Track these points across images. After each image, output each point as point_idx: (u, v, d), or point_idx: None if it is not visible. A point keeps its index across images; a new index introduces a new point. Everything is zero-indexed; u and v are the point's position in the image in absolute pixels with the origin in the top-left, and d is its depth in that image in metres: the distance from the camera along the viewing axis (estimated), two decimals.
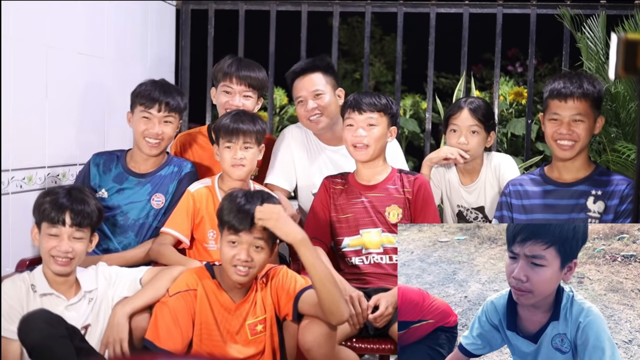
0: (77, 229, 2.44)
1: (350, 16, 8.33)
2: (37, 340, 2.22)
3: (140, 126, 2.88)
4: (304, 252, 2.35)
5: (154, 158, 2.96)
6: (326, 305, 2.34)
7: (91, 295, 2.50)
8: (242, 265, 2.36)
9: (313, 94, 3.07)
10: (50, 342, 2.22)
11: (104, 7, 3.38)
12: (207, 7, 4.15)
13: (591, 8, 3.75)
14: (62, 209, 2.43)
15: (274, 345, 2.48)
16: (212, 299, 2.43)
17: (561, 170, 2.77)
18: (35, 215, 2.48)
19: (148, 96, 2.87)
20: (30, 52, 2.88)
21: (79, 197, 2.47)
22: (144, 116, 2.88)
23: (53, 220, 2.42)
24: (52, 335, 2.23)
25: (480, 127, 3.00)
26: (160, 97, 2.87)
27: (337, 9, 4.02)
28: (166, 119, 2.89)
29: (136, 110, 2.90)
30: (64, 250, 2.41)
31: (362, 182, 2.82)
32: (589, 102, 2.68)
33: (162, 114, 2.88)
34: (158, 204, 2.93)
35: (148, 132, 2.87)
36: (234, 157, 2.76)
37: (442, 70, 6.45)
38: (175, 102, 2.91)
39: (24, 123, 2.85)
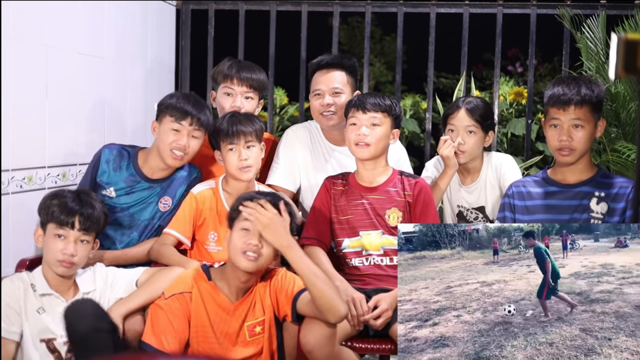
0: (84, 233, 2.45)
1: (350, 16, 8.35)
2: (83, 331, 2.21)
3: (168, 137, 2.85)
4: (291, 256, 2.38)
5: (171, 168, 2.94)
6: (321, 305, 2.35)
7: (89, 296, 2.50)
8: (253, 250, 2.37)
9: (332, 91, 3.06)
10: (96, 335, 2.21)
11: (104, 7, 3.38)
12: (207, 7, 4.15)
13: (591, 8, 3.75)
14: (72, 213, 2.43)
15: (272, 347, 2.49)
16: (208, 300, 2.43)
17: (564, 173, 2.78)
18: (42, 216, 2.48)
19: (180, 109, 2.84)
20: (30, 52, 2.88)
21: (88, 201, 2.49)
22: (173, 128, 2.85)
23: (62, 222, 2.43)
24: (99, 329, 2.22)
25: (477, 127, 3.00)
26: (192, 111, 2.85)
27: (337, 9, 4.02)
28: (194, 133, 2.87)
29: (165, 121, 2.87)
30: (69, 252, 2.42)
31: (363, 184, 2.82)
32: (589, 107, 2.67)
33: (192, 128, 2.86)
34: (165, 207, 2.93)
35: (176, 144, 2.85)
36: (239, 158, 2.77)
37: (442, 70, 6.46)
38: (206, 117, 2.89)
39: (24, 123, 2.85)
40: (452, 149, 2.96)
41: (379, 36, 8.62)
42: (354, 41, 8.59)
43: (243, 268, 2.39)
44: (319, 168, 3.14)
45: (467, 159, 3.02)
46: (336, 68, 3.08)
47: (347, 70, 3.09)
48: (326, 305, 2.35)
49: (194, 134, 2.87)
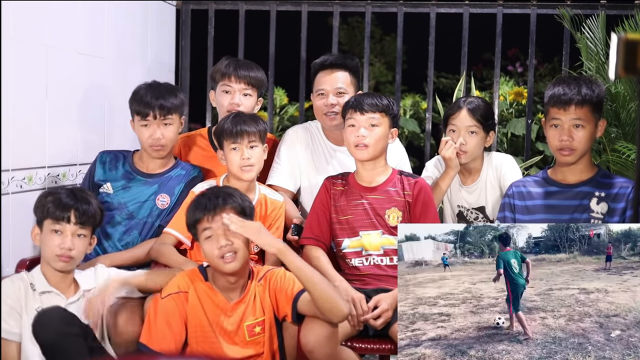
0: (80, 227, 2.46)
1: (350, 16, 8.35)
2: (51, 337, 2.23)
3: (142, 134, 2.90)
4: (288, 258, 2.39)
5: (162, 160, 2.97)
6: (322, 305, 2.35)
7: (90, 294, 2.50)
8: (227, 251, 2.38)
9: (336, 91, 3.07)
10: (65, 340, 2.23)
11: (104, 7, 3.38)
12: (207, 7, 4.15)
13: (591, 8, 3.75)
14: (67, 208, 2.44)
15: (273, 348, 2.49)
16: (205, 300, 2.44)
17: (565, 173, 2.78)
18: (38, 214, 2.49)
19: (141, 103, 2.88)
20: (30, 52, 2.88)
21: (82, 196, 2.50)
22: (142, 124, 2.89)
23: (58, 217, 2.44)
24: (67, 333, 2.24)
25: (478, 127, 2.99)
26: (153, 102, 2.87)
27: (337, 9, 4.02)
28: (165, 122, 2.89)
29: (135, 119, 2.92)
30: (67, 246, 2.43)
31: (363, 184, 2.82)
32: (589, 107, 2.67)
33: (160, 119, 2.88)
34: (163, 204, 2.94)
35: (150, 139, 2.89)
36: (242, 157, 2.77)
37: (442, 70, 6.46)
38: (169, 103, 2.89)
39: (24, 123, 2.85)
40: (454, 150, 2.96)
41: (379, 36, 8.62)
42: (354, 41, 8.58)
43: (229, 271, 2.40)
44: (320, 168, 3.14)
45: (468, 159, 3.01)
46: (340, 68, 3.09)
47: (350, 71, 3.10)
48: (327, 305, 2.35)
49: (165, 122, 2.89)
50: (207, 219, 2.40)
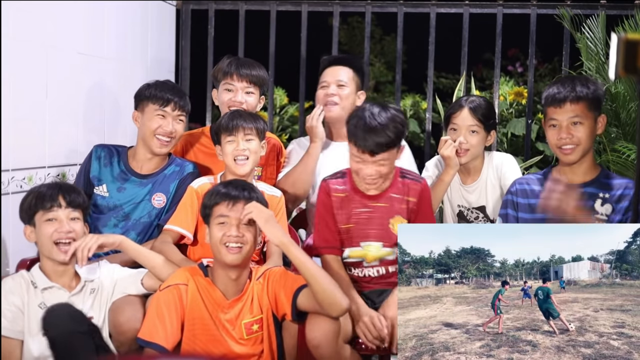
0: (72, 210, 2.48)
1: (350, 16, 8.35)
2: (60, 334, 2.23)
3: (152, 124, 2.91)
4: (291, 251, 2.40)
5: (157, 159, 2.97)
6: (323, 300, 2.35)
7: (93, 285, 2.52)
8: (234, 241, 2.39)
9: (337, 82, 3.15)
10: (73, 337, 2.23)
11: (104, 7, 3.38)
12: (207, 7, 4.15)
13: (591, 8, 3.75)
14: (53, 195, 2.47)
15: (272, 347, 2.49)
16: (205, 294, 2.45)
17: (568, 174, 2.76)
18: (25, 213, 2.50)
19: (162, 96, 2.92)
20: (30, 52, 2.88)
21: (63, 183, 2.56)
22: (158, 114, 2.91)
23: (48, 206, 2.45)
24: (76, 331, 2.24)
25: (479, 126, 2.99)
26: (174, 97, 2.93)
27: (337, 9, 4.03)
28: (179, 117, 2.95)
29: (148, 109, 2.93)
30: (65, 230, 2.44)
31: (365, 191, 2.68)
32: (585, 104, 2.67)
33: (176, 113, 2.93)
34: (159, 203, 2.94)
35: (162, 130, 2.91)
36: (236, 148, 2.78)
37: (442, 70, 6.46)
38: (185, 102, 2.98)
39: (24, 123, 2.85)
40: (453, 148, 2.95)
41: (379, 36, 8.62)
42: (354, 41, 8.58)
43: (229, 262, 2.40)
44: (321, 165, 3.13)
45: (469, 158, 3.01)
46: (344, 64, 3.20)
47: (354, 69, 3.19)
48: (328, 299, 2.35)
49: (179, 118, 2.95)
50: (227, 205, 2.42)
